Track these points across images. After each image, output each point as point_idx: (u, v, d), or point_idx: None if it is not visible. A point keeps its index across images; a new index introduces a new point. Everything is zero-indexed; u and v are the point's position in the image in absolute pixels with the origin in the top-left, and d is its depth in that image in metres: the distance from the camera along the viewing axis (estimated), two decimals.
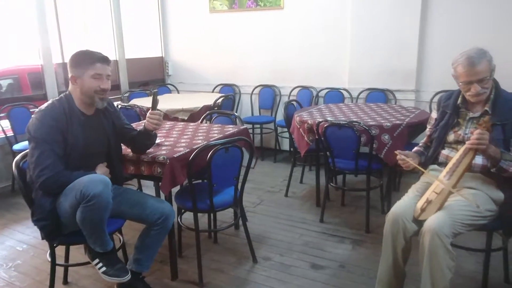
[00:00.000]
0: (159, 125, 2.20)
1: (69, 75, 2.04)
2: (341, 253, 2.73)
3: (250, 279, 2.47)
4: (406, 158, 2.09)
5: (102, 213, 1.88)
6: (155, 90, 2.22)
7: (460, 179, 1.92)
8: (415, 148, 2.35)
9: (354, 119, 3.09)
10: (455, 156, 1.98)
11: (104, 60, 2.05)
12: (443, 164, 2.12)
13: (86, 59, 2.01)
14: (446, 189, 1.89)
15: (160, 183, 2.22)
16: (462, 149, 1.96)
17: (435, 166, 2.19)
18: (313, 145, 3.27)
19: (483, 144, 1.84)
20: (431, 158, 2.22)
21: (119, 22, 5.14)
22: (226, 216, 3.25)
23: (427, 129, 2.34)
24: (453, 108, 2.15)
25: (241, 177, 2.51)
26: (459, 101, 2.14)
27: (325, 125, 2.91)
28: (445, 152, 2.16)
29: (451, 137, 2.13)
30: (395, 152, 2.14)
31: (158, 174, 2.25)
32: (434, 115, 2.30)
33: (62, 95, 2.09)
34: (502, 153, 1.90)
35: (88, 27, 5.54)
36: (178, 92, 5.63)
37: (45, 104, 2.04)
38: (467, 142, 1.91)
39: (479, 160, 2.02)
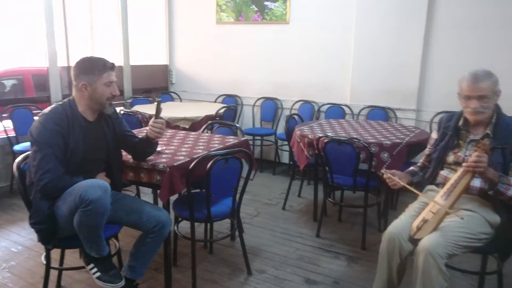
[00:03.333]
0: (161, 133, 2.22)
1: (79, 83, 2.04)
2: (336, 269, 2.73)
3: None
4: (392, 177, 2.11)
5: (99, 219, 1.88)
6: (159, 99, 2.24)
7: (457, 200, 1.93)
8: (410, 168, 2.36)
9: (354, 136, 3.11)
10: (453, 177, 1.99)
11: (113, 67, 2.10)
12: (441, 185, 2.14)
13: (98, 67, 2.04)
14: (443, 209, 1.90)
15: (158, 191, 2.23)
16: (460, 170, 1.97)
17: (433, 187, 2.21)
18: (312, 159, 3.29)
19: (480, 166, 1.86)
20: (429, 178, 2.23)
21: (126, 28, 5.20)
22: (222, 226, 3.25)
23: (427, 149, 2.36)
24: (453, 130, 2.17)
25: (239, 188, 2.52)
26: (460, 122, 2.16)
27: (325, 141, 2.93)
28: (443, 173, 2.18)
29: (450, 158, 2.15)
30: (381, 171, 2.17)
31: (157, 181, 2.26)
32: (434, 135, 2.32)
33: (66, 100, 2.11)
34: (501, 176, 1.91)
35: (95, 31, 5.60)
36: (181, 101, 5.67)
37: (49, 108, 2.06)
38: (463, 164, 1.93)
39: (477, 183, 2.03)
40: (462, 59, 3.94)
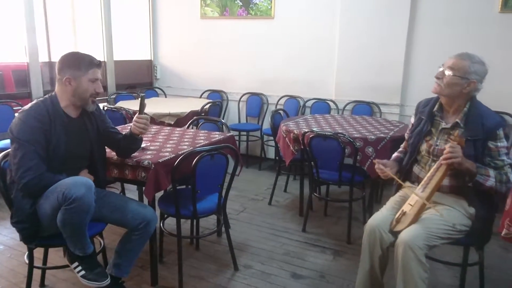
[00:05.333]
0: (146, 129, 2.20)
1: (63, 76, 2.00)
2: (322, 263, 2.75)
3: (230, 287, 2.46)
4: (384, 168, 2.12)
5: (83, 216, 1.86)
6: (142, 94, 2.22)
7: (434, 192, 1.95)
8: (395, 154, 2.39)
9: (339, 131, 3.13)
10: (430, 170, 2.02)
11: (100, 65, 2.09)
12: (416, 182, 2.16)
13: (84, 63, 2.01)
14: (420, 201, 1.93)
15: (143, 188, 2.21)
16: (436, 164, 2.00)
17: (408, 183, 2.23)
18: (298, 154, 3.30)
19: (455, 157, 1.87)
20: (405, 166, 2.24)
21: (109, 23, 5.11)
22: (208, 222, 3.24)
23: (406, 134, 2.38)
24: (428, 115, 2.17)
25: (225, 184, 2.52)
26: (435, 108, 2.16)
27: (311, 136, 2.94)
28: (415, 170, 2.20)
29: (423, 146, 2.16)
30: (374, 161, 2.18)
31: (142, 178, 2.24)
32: (412, 120, 2.34)
33: (47, 96, 2.07)
34: (478, 167, 1.93)
35: (77, 26, 5.49)
36: (166, 96, 5.62)
37: (29, 105, 2.02)
38: (441, 158, 1.94)
39: (445, 181, 2.04)
40: (445, 55, 3.94)
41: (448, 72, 2.01)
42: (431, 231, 1.88)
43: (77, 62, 2.01)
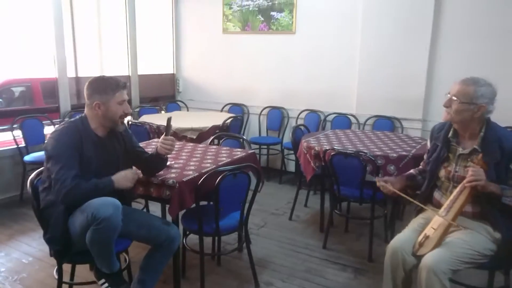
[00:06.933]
0: (171, 150, 2.26)
1: (92, 102, 2.08)
2: (343, 281, 2.74)
3: None
4: (385, 184, 2.12)
5: (111, 236, 1.92)
6: (169, 117, 2.28)
7: (457, 215, 1.94)
8: (409, 172, 2.38)
9: (361, 148, 3.13)
10: (453, 193, 2.00)
11: (125, 86, 2.16)
12: (437, 207, 2.14)
13: (111, 86, 2.09)
14: (444, 222, 1.92)
15: (167, 206, 2.27)
16: (458, 187, 1.98)
17: (430, 206, 2.21)
18: (318, 170, 3.31)
19: (479, 179, 1.87)
20: (425, 192, 2.23)
21: (133, 38, 5.26)
22: (230, 237, 3.26)
23: (425, 156, 2.36)
24: (443, 141, 2.15)
25: (247, 201, 2.55)
26: (450, 134, 2.15)
27: (332, 153, 2.96)
28: (436, 196, 2.19)
29: (441, 172, 2.15)
30: (375, 179, 2.19)
31: (167, 196, 2.30)
32: (428, 144, 2.32)
33: (77, 117, 2.16)
34: (503, 189, 1.91)
35: (103, 42, 5.66)
36: (188, 109, 5.72)
37: (60, 125, 2.12)
38: (464, 181, 1.93)
39: (468, 208, 2.03)
40: (468, 69, 3.89)
41: (455, 99, 2.00)
42: (455, 256, 1.86)
43: (104, 87, 2.08)
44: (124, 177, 2.12)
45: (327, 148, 3.04)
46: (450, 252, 1.87)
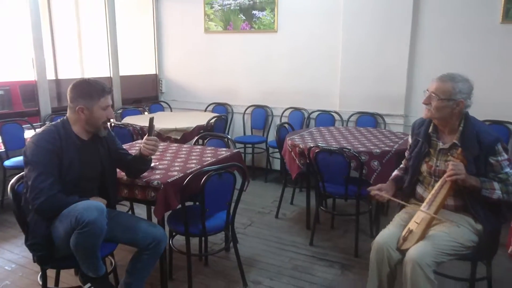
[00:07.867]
0: (155, 151, 2.24)
1: (75, 106, 2.05)
2: (331, 278, 2.77)
3: None
4: (379, 193, 2.16)
5: (96, 240, 1.90)
6: (151, 117, 2.26)
7: (439, 209, 1.98)
8: (394, 173, 2.42)
9: (345, 145, 3.16)
10: (434, 188, 2.04)
11: (110, 91, 2.13)
12: (420, 201, 2.18)
13: (96, 91, 2.05)
14: (427, 216, 1.96)
15: (153, 207, 2.25)
16: (439, 181, 2.02)
17: (413, 200, 2.26)
18: (304, 168, 3.32)
19: (459, 173, 1.91)
20: (408, 187, 2.27)
21: (114, 39, 5.19)
22: (217, 237, 3.26)
23: (406, 152, 2.40)
24: (424, 137, 2.19)
25: (233, 200, 2.55)
26: (430, 129, 2.18)
27: (316, 150, 2.98)
28: (419, 190, 2.23)
29: (423, 167, 2.19)
30: (368, 189, 2.22)
31: (152, 198, 2.28)
32: (409, 140, 2.36)
33: (58, 120, 2.12)
34: (483, 182, 1.95)
35: (83, 43, 5.58)
36: (171, 110, 5.68)
37: (41, 129, 2.07)
38: (445, 175, 1.97)
39: (450, 201, 2.08)
40: (447, 66, 3.99)
41: (434, 96, 2.04)
42: (438, 248, 1.90)
43: (89, 91, 2.05)
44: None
45: (312, 145, 3.06)
46: (434, 245, 1.91)
